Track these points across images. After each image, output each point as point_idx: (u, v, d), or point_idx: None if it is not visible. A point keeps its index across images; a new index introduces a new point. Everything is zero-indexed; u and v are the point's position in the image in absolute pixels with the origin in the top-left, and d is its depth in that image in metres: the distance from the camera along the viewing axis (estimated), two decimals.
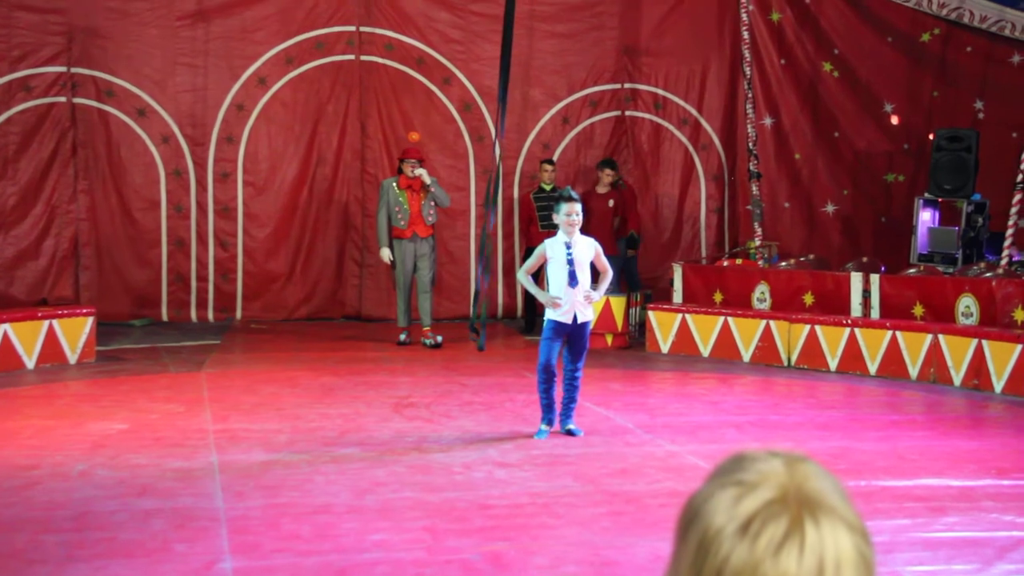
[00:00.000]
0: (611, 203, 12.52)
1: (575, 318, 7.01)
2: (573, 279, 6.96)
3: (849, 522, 1.16)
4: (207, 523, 5.12)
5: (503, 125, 11.29)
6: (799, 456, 1.22)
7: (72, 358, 9.88)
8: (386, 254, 11.26)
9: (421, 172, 11.15)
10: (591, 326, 7.28)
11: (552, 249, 7.07)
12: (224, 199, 12.97)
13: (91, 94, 12.53)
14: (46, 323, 9.75)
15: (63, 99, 12.43)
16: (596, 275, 7.31)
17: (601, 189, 12.62)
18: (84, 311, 10.16)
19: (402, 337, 11.27)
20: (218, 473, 6.03)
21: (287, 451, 6.60)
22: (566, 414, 7.16)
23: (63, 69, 12.40)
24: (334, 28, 13.13)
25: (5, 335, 9.43)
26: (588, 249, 7.10)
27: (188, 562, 4.59)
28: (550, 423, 7.13)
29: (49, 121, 12.39)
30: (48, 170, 12.41)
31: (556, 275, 7.03)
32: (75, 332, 9.92)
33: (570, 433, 7.12)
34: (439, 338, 11.16)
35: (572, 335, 7.06)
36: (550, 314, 7.05)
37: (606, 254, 11.73)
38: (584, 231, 11.53)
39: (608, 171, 12.56)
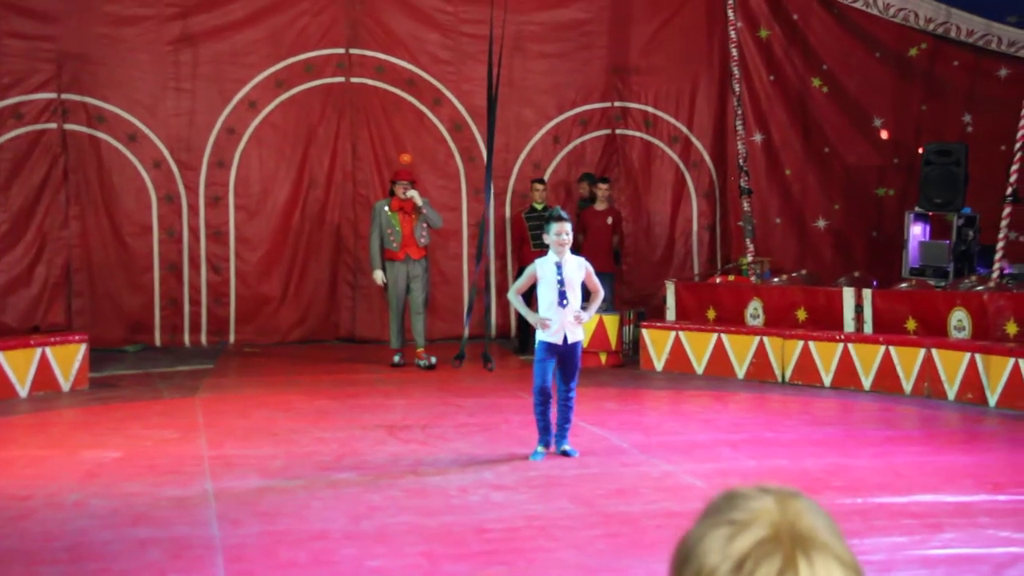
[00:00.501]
0: (609, 220, 12.56)
1: (565, 338, 7.01)
2: (563, 299, 6.97)
3: (842, 559, 1.16)
4: (203, 552, 5.10)
5: (490, 188, 11.15)
6: (791, 492, 1.22)
7: (65, 385, 9.85)
8: (379, 276, 11.26)
9: (413, 194, 11.17)
10: (582, 346, 7.25)
11: (542, 269, 7.08)
12: (216, 223, 12.98)
13: (82, 120, 12.53)
14: (39, 350, 9.72)
15: (54, 125, 12.43)
16: (587, 295, 7.30)
17: (599, 206, 12.66)
18: (77, 338, 10.14)
19: (396, 359, 11.27)
20: (213, 500, 6.01)
21: (282, 477, 6.58)
22: (561, 435, 7.16)
23: (54, 95, 12.41)
24: (324, 51, 13.17)
25: None
26: (578, 269, 7.10)
27: None
28: (547, 444, 7.13)
29: (40, 147, 12.38)
30: (39, 196, 12.39)
31: (546, 295, 7.04)
32: (68, 359, 9.90)
33: (565, 454, 7.12)
34: (433, 359, 11.15)
35: (563, 356, 7.04)
36: (540, 335, 7.05)
37: (604, 271, 11.90)
38: (582, 248, 11.62)
39: (602, 186, 12.63)
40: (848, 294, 10.53)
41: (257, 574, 4.80)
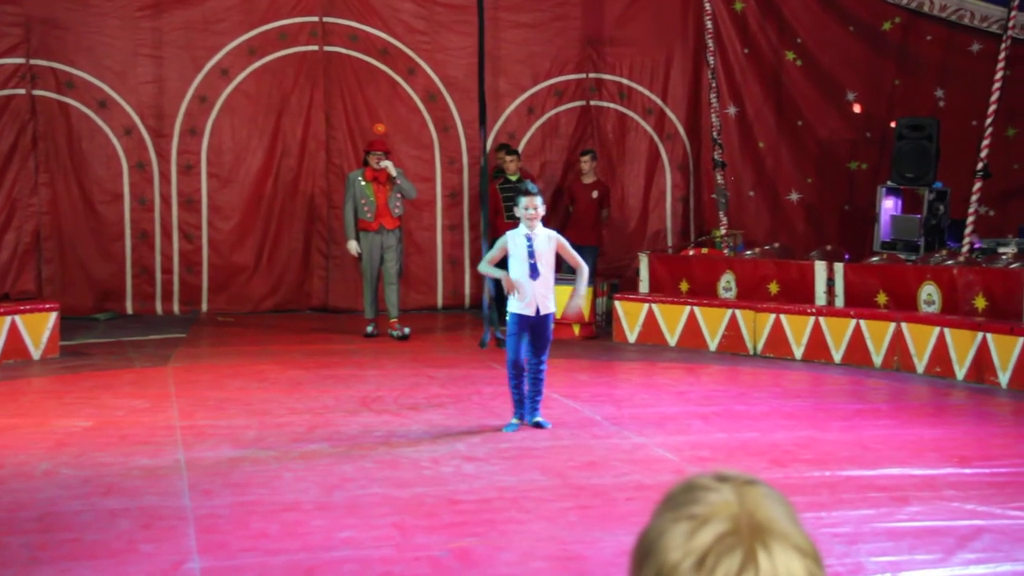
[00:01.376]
0: (595, 194, 12.58)
1: (537, 310, 7.05)
2: (534, 271, 7.02)
3: (800, 547, 1.18)
4: (174, 522, 5.10)
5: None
6: (749, 479, 1.23)
7: (36, 354, 9.79)
8: (353, 246, 11.23)
9: (387, 164, 11.12)
10: (554, 318, 7.26)
11: (513, 242, 7.12)
12: (188, 191, 12.89)
13: (51, 86, 12.39)
14: (8, 318, 9.65)
15: (22, 91, 12.29)
16: (560, 266, 7.31)
17: (586, 179, 12.67)
18: (47, 306, 10.07)
19: (369, 329, 11.26)
20: (185, 471, 6.00)
21: (255, 447, 6.58)
22: (532, 407, 7.20)
23: (22, 61, 12.26)
24: (297, 19, 13.06)
25: None
26: (548, 242, 7.12)
27: (155, 562, 4.57)
28: (521, 417, 7.18)
29: (8, 114, 12.24)
30: (8, 163, 12.27)
31: (517, 268, 7.07)
32: (38, 327, 9.83)
33: (538, 426, 7.15)
34: (407, 330, 11.15)
35: (535, 327, 7.07)
36: (512, 307, 7.08)
37: (587, 244, 12.02)
38: (569, 222, 11.67)
39: (585, 158, 12.63)
40: (820, 267, 10.59)
41: (229, 545, 4.80)
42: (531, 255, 7.01)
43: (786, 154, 13.41)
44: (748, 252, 11.92)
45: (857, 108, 13.03)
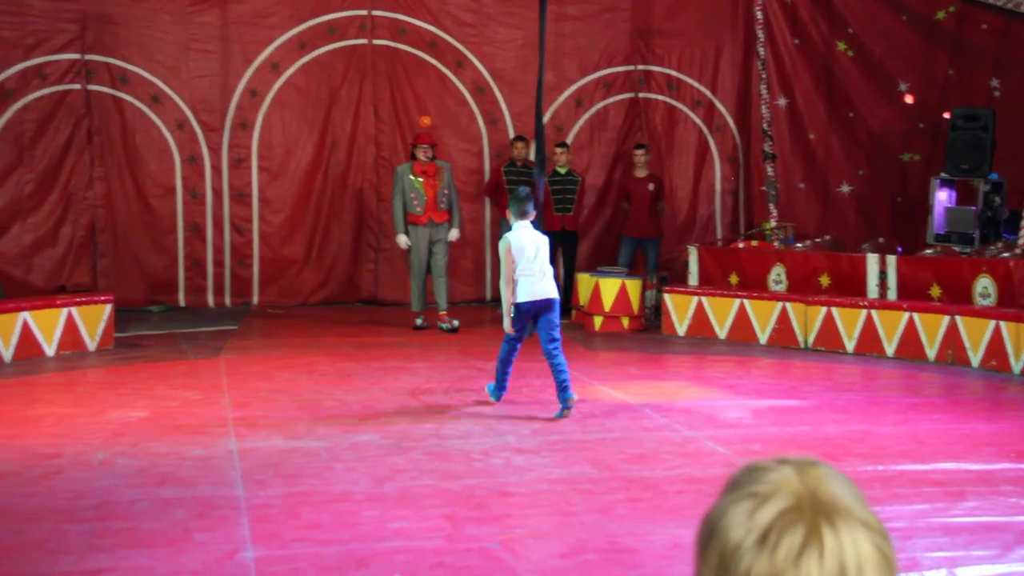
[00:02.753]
0: (651, 187, 12.59)
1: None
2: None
3: (866, 522, 1.17)
4: (228, 512, 5.16)
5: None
6: (810, 460, 1.23)
7: (91, 345, 9.93)
8: (402, 240, 11.27)
9: (454, 234, 11.39)
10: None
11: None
12: (239, 185, 13.01)
13: (105, 81, 12.55)
14: (65, 310, 9.80)
15: (78, 86, 12.46)
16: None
17: (639, 173, 12.67)
18: (102, 298, 10.20)
19: (418, 321, 11.29)
20: (238, 461, 6.07)
21: (306, 438, 6.63)
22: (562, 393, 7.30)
23: (77, 56, 12.43)
24: (346, 12, 13.12)
25: (25, 323, 9.48)
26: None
27: (210, 551, 4.63)
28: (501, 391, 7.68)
29: (64, 108, 12.42)
30: (64, 157, 12.45)
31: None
32: (94, 319, 9.97)
33: (567, 404, 7.28)
34: (455, 322, 11.18)
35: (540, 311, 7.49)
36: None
37: (648, 237, 12.02)
38: (627, 216, 12.02)
39: (639, 152, 12.65)
40: (872, 260, 10.48)
41: (282, 534, 4.85)
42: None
43: (837, 146, 13.26)
44: (799, 245, 11.82)
45: (909, 99, 12.86)
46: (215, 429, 6.84)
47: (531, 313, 7.41)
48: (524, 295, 7.36)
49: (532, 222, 7.50)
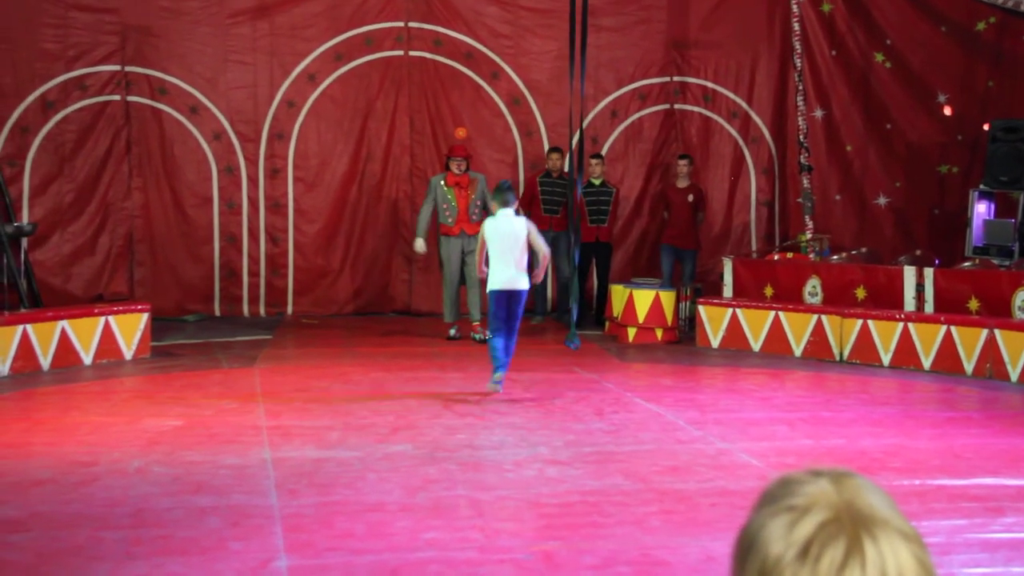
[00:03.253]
0: (691, 197, 12.57)
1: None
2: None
3: (904, 532, 1.17)
4: (261, 521, 5.18)
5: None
6: (845, 472, 1.23)
7: (128, 354, 10.02)
8: (419, 244, 11.32)
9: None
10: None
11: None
12: (275, 195, 13.09)
13: (145, 92, 12.69)
14: (102, 319, 9.89)
15: (117, 97, 12.60)
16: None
17: (680, 183, 12.66)
18: (139, 307, 10.30)
19: (452, 332, 11.31)
20: (272, 470, 6.10)
21: (339, 448, 6.65)
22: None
23: (117, 68, 12.57)
24: (383, 24, 13.19)
25: (63, 331, 9.58)
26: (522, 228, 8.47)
27: (243, 560, 4.65)
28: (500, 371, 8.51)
29: (104, 119, 12.57)
30: (103, 167, 12.59)
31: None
32: (131, 328, 10.07)
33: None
34: (489, 333, 11.17)
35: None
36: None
37: (687, 248, 11.98)
38: (666, 226, 12.21)
39: (682, 163, 12.64)
40: (909, 273, 10.39)
41: (315, 544, 4.86)
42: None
43: (874, 157, 13.17)
44: (834, 257, 11.74)
45: (948, 110, 12.76)
46: (249, 438, 6.88)
47: (504, 299, 8.26)
48: (495, 283, 8.27)
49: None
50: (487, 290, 8.42)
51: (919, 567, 1.16)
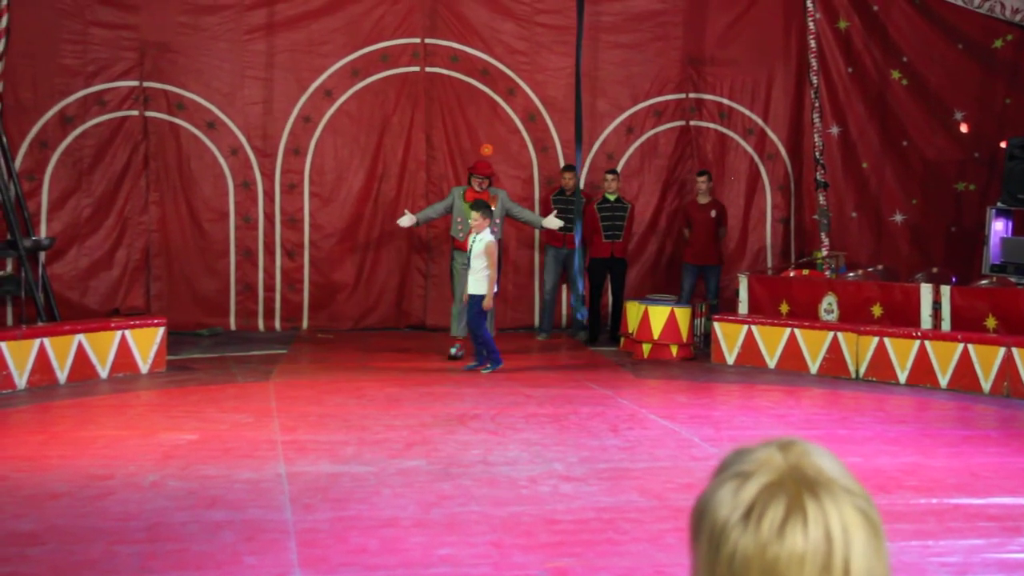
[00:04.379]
0: (713, 213, 12.56)
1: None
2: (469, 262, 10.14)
3: (848, 489, 1.20)
4: (276, 535, 5.18)
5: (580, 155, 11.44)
6: (794, 439, 1.26)
7: (144, 368, 10.05)
8: (405, 219, 11.26)
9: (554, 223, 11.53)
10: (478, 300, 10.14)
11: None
12: (291, 210, 13.14)
13: (162, 107, 12.76)
14: (119, 333, 9.93)
15: (135, 112, 12.68)
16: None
17: (701, 199, 12.65)
18: (155, 321, 10.33)
19: (453, 351, 11.04)
20: (286, 485, 6.10)
21: (354, 463, 6.65)
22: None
23: (136, 83, 12.65)
24: (399, 40, 13.25)
25: (80, 345, 9.62)
26: (480, 242, 10.12)
27: (258, 574, 4.65)
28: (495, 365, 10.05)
29: (122, 134, 12.65)
30: (121, 182, 12.67)
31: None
32: (147, 342, 10.10)
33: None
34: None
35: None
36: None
37: (709, 264, 12.40)
38: (688, 243, 12.34)
39: (702, 179, 12.63)
40: (926, 290, 10.35)
41: (329, 559, 4.86)
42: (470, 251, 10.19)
43: (890, 174, 13.14)
44: (850, 274, 11.71)
45: (965, 128, 12.73)
46: (264, 452, 6.89)
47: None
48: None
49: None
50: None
51: (864, 522, 1.18)
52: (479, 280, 10.17)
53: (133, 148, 12.70)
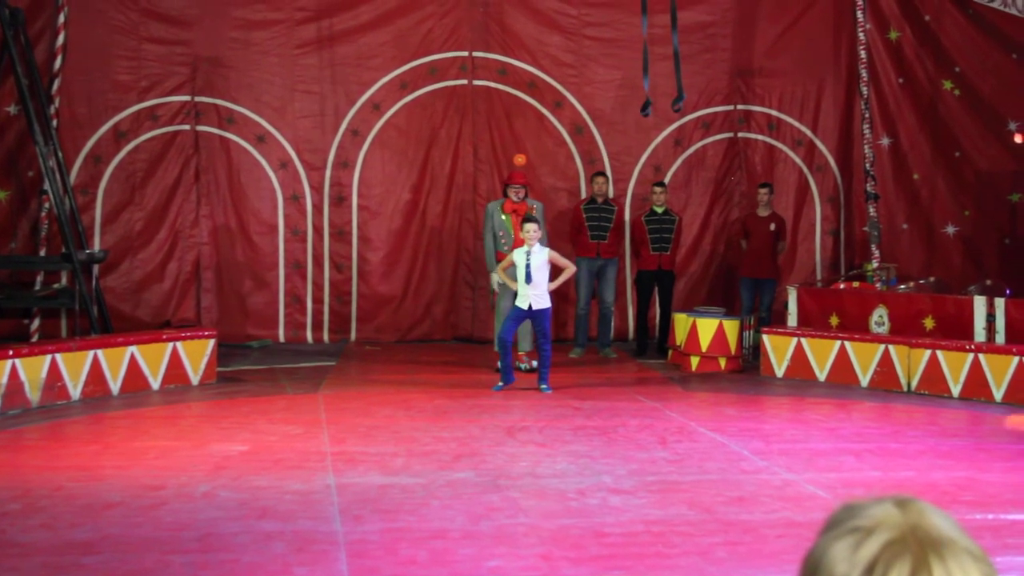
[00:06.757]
0: (772, 227, 12.48)
1: (531, 306, 9.83)
2: (528, 278, 9.79)
3: (972, 553, 1.16)
4: (326, 547, 5.21)
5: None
6: (909, 497, 1.23)
7: (195, 379, 10.16)
8: (495, 280, 11.19)
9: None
10: (550, 312, 10.00)
11: (517, 256, 9.92)
12: (339, 223, 13.23)
13: (213, 122, 12.92)
14: (170, 345, 10.05)
15: (187, 127, 12.85)
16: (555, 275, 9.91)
17: (762, 212, 12.57)
18: (206, 333, 10.44)
19: (523, 366, 11.03)
20: (336, 496, 6.13)
21: (403, 474, 6.67)
22: (540, 378, 9.92)
23: (187, 98, 12.82)
24: (448, 54, 13.32)
25: (132, 357, 9.74)
26: (542, 254, 9.87)
27: None
28: (507, 382, 9.92)
29: (174, 148, 12.82)
30: (172, 195, 12.84)
31: (518, 275, 9.87)
32: (198, 354, 10.21)
33: (542, 390, 9.75)
34: (535, 363, 11.07)
35: (533, 318, 9.90)
36: (516, 302, 9.92)
37: (767, 277, 12.30)
38: (745, 255, 12.19)
39: (763, 191, 12.54)
40: (979, 303, 10.21)
41: (379, 570, 4.87)
42: (528, 267, 9.82)
43: (942, 186, 13.00)
44: (902, 286, 11.58)
45: (1019, 138, 12.56)
46: (314, 464, 6.93)
47: (523, 314, 10.08)
48: (518, 301, 10.01)
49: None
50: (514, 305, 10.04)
51: None
52: (542, 295, 9.87)
53: (184, 162, 12.86)
